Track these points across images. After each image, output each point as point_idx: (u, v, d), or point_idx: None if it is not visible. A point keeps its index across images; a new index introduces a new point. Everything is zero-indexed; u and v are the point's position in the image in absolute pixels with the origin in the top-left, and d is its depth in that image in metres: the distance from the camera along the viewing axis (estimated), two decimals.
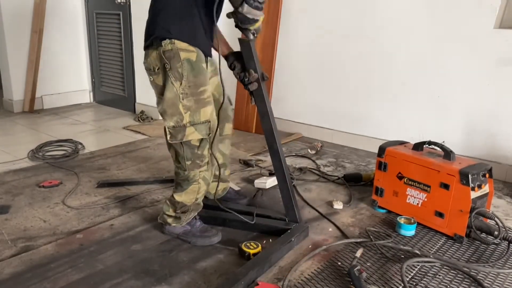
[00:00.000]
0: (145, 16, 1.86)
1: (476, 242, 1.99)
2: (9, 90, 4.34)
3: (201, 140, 1.80)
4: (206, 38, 1.84)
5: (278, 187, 2.06)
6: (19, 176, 2.71)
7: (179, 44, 1.73)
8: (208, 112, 1.80)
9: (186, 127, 1.77)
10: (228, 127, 2.14)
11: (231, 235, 2.03)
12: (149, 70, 1.83)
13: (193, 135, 1.78)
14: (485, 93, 2.80)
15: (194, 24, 1.76)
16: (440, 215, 2.04)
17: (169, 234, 1.99)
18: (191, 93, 1.76)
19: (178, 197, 1.90)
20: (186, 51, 1.75)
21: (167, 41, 1.73)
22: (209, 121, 1.80)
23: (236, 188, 2.50)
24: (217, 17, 1.81)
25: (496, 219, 1.90)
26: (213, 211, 2.15)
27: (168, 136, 1.80)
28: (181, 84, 1.74)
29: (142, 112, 4.24)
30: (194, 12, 1.76)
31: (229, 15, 1.69)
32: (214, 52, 1.91)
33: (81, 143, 3.33)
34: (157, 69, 1.78)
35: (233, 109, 2.18)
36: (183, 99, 1.75)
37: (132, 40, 4.19)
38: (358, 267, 1.64)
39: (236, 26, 1.75)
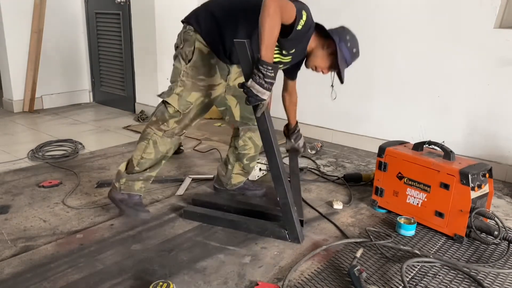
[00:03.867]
0: (145, 16, 1.89)
1: (476, 242, 1.99)
2: (9, 90, 4.34)
3: (176, 111, 1.98)
4: (226, 55, 1.94)
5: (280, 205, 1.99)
6: (19, 176, 2.71)
7: (199, 36, 1.92)
8: (195, 97, 1.98)
9: (173, 93, 1.97)
10: None
11: (231, 235, 2.03)
12: (175, 46, 2.03)
13: (173, 101, 1.96)
14: (485, 93, 2.80)
15: (221, 34, 1.89)
16: (440, 215, 2.04)
17: (110, 199, 2.15)
18: (191, 75, 1.94)
19: (131, 155, 2.08)
20: (201, 44, 1.93)
21: (192, 27, 1.92)
22: (191, 104, 1.98)
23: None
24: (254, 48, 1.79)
25: (496, 219, 1.90)
26: (213, 210, 2.16)
27: (160, 93, 2.04)
28: (186, 63, 1.94)
29: (142, 112, 4.24)
30: (230, 26, 1.87)
31: (239, 85, 1.73)
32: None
33: (81, 143, 3.33)
34: (176, 44, 2.01)
35: None
36: (183, 76, 1.95)
37: (132, 40, 4.19)
38: (358, 267, 1.64)
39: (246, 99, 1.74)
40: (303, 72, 3.64)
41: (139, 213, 2.07)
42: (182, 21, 2.00)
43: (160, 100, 2.04)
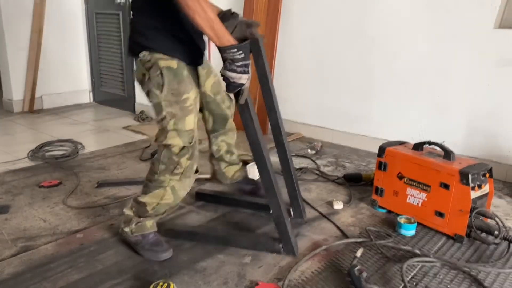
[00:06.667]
0: None
1: (476, 242, 1.99)
2: (9, 90, 4.34)
3: (182, 148, 1.75)
4: (190, 48, 1.77)
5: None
6: (19, 176, 2.71)
7: (157, 54, 1.69)
8: (192, 120, 1.76)
9: (169, 131, 1.73)
10: (230, 123, 2.18)
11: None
12: (138, 81, 1.80)
13: (174, 140, 1.73)
14: (485, 93, 2.80)
15: (172, 35, 1.71)
16: (440, 215, 2.04)
17: (124, 241, 1.93)
18: (175, 100, 1.71)
19: (142, 198, 1.83)
20: (165, 60, 1.70)
21: (145, 52, 1.70)
22: (193, 130, 1.77)
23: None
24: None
25: (496, 218, 1.90)
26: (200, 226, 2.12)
27: (154, 138, 1.81)
28: (161, 91, 1.70)
29: (142, 112, 4.24)
30: (172, 22, 1.69)
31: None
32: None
33: (81, 143, 3.33)
34: (141, 80, 1.76)
35: (229, 106, 2.15)
36: (166, 107, 1.71)
37: None
38: (358, 267, 1.64)
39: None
40: (302, 72, 3.65)
41: (159, 254, 1.82)
42: (131, 55, 1.78)
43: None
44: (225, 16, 1.72)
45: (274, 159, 2.87)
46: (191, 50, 1.78)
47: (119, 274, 1.71)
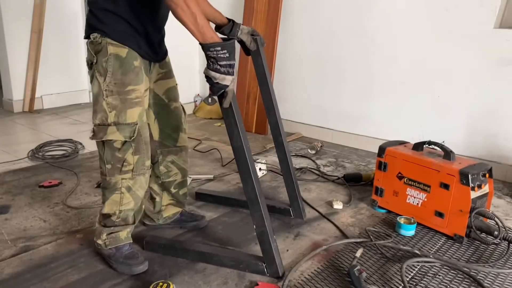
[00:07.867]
0: None
1: (476, 242, 1.99)
2: (9, 90, 4.35)
3: (124, 143, 1.63)
4: (144, 40, 1.67)
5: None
6: (19, 176, 2.71)
7: (109, 39, 1.59)
8: (136, 113, 1.64)
9: (109, 126, 1.62)
10: (183, 138, 1.95)
11: (231, 235, 2.03)
12: (87, 65, 1.68)
13: (114, 135, 1.62)
14: (485, 93, 2.80)
15: (128, 23, 1.61)
16: (440, 215, 2.04)
17: (99, 254, 1.84)
18: (116, 91, 1.60)
19: (103, 210, 1.74)
20: (116, 46, 1.59)
21: (97, 34, 1.59)
22: (136, 124, 1.64)
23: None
24: (159, 24, 1.72)
25: (496, 219, 1.90)
26: (180, 241, 1.97)
27: (91, 134, 1.67)
28: (105, 79, 1.59)
29: None
30: (129, 10, 1.59)
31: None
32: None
33: (81, 143, 3.33)
34: (90, 63, 1.64)
35: (184, 121, 1.96)
36: (107, 97, 1.60)
37: None
38: (358, 267, 1.64)
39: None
40: (302, 72, 3.65)
41: (133, 268, 1.71)
42: (85, 37, 1.65)
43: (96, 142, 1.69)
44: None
45: (273, 159, 2.89)
46: (146, 43, 1.67)
47: (119, 274, 1.71)
